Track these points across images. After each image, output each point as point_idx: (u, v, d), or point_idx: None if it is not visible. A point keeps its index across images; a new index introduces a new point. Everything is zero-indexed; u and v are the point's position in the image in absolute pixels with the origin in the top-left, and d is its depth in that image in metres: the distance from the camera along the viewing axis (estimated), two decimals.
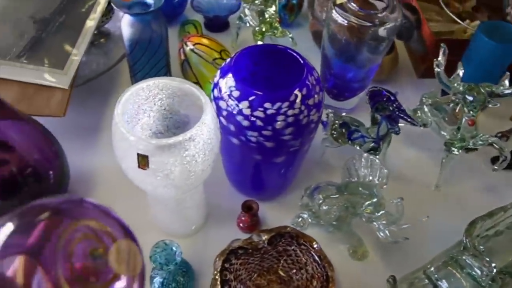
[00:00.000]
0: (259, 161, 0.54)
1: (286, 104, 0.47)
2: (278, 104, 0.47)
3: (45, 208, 0.27)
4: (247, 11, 0.77)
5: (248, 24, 0.78)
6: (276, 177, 0.58)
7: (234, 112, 0.49)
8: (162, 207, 0.55)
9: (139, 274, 0.26)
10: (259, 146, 0.50)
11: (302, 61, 0.51)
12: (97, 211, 0.28)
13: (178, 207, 0.54)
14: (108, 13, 0.80)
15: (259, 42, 0.76)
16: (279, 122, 0.48)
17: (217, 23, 0.89)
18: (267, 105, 0.47)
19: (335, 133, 0.62)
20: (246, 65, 0.55)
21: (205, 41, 0.74)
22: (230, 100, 0.49)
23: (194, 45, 0.73)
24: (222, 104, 0.50)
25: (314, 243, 0.53)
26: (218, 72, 0.53)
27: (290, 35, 0.74)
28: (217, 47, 0.73)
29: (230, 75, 0.50)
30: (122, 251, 0.26)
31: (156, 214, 0.58)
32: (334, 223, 0.55)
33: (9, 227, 0.26)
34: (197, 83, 0.72)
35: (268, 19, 0.73)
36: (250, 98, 0.48)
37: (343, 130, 0.61)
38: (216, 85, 0.52)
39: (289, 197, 0.63)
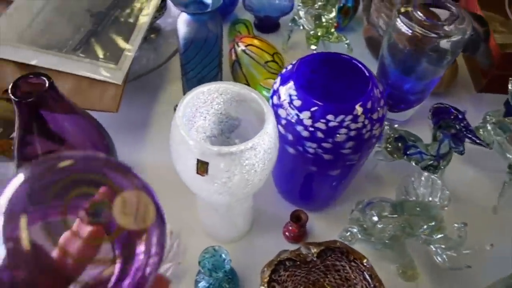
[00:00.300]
0: (313, 172, 0.52)
1: (350, 117, 0.46)
2: (341, 116, 0.46)
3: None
4: (301, 13, 0.75)
5: (302, 27, 0.76)
6: (327, 189, 0.57)
7: (293, 121, 0.48)
8: (212, 212, 0.54)
9: (153, 227, 0.23)
10: (316, 157, 0.49)
11: (367, 73, 0.49)
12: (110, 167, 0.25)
13: (227, 213, 0.53)
14: (161, 9, 0.80)
15: (313, 47, 0.74)
16: (340, 135, 0.46)
17: (267, 24, 0.87)
18: (329, 117, 0.46)
19: (389, 146, 0.60)
20: (303, 72, 0.54)
21: (257, 42, 0.73)
22: (290, 108, 0.48)
23: (246, 46, 0.72)
24: (282, 112, 0.49)
25: (365, 260, 0.52)
26: (278, 78, 0.51)
27: (347, 41, 0.71)
28: (269, 50, 0.72)
29: (291, 83, 0.48)
30: (128, 203, 0.24)
31: (204, 217, 0.57)
32: (386, 241, 0.53)
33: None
34: (247, 84, 0.71)
35: (324, 24, 0.71)
36: (312, 109, 0.46)
37: (399, 145, 0.59)
38: (275, 92, 0.51)
39: (337, 209, 0.62)
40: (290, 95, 0.48)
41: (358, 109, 0.46)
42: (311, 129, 0.47)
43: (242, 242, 0.58)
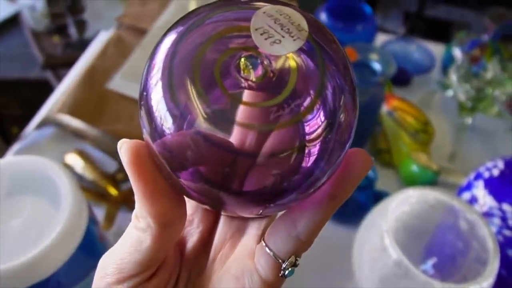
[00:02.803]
0: None
1: None
2: None
3: None
4: (454, 77, 0.68)
5: (451, 95, 0.69)
6: None
7: (501, 241, 0.41)
8: None
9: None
10: None
11: None
12: None
13: None
14: None
15: (467, 118, 0.67)
16: None
17: (398, 76, 0.80)
18: None
19: None
20: None
21: (406, 106, 0.66)
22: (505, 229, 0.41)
23: (392, 109, 0.65)
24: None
25: None
26: (481, 185, 0.44)
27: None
28: (421, 117, 0.65)
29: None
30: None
31: None
32: None
33: None
34: (386, 151, 0.64)
35: (487, 99, 0.63)
36: None
37: None
38: (467, 188, 0.43)
39: None
40: (502, 211, 0.41)
41: None
42: None
43: None
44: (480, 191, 0.44)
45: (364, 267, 0.41)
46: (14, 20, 1.60)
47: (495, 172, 0.44)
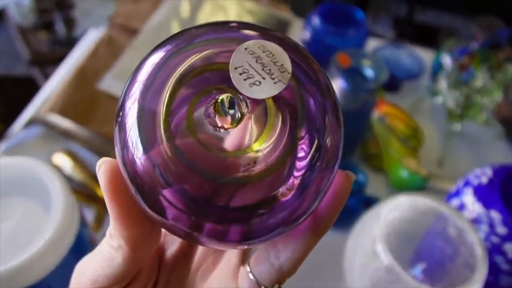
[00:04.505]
0: None
1: None
2: None
3: None
4: (443, 84, 0.69)
5: (440, 101, 0.70)
6: None
7: (489, 247, 0.41)
8: None
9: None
10: None
11: None
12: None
13: None
14: None
15: (456, 125, 0.68)
16: None
17: (389, 82, 0.81)
18: None
19: None
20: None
21: (396, 112, 0.67)
22: (492, 236, 0.41)
23: (383, 114, 0.66)
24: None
25: None
26: (470, 192, 0.45)
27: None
28: (411, 123, 0.65)
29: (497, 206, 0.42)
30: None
31: None
32: None
33: None
34: (376, 156, 0.65)
35: (476, 107, 0.64)
36: None
37: None
38: (456, 195, 0.44)
39: None
40: (489, 217, 0.42)
41: None
42: None
43: None
44: (469, 198, 0.45)
45: (355, 271, 0.41)
46: None
47: (484, 180, 0.45)
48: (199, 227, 0.16)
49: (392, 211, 0.41)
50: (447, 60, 0.70)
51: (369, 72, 0.56)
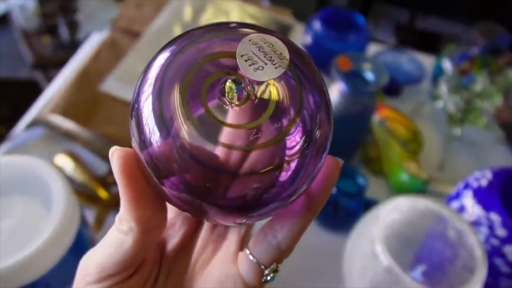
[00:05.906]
0: None
1: None
2: None
3: None
4: (444, 89, 0.69)
5: (441, 105, 0.70)
6: None
7: (489, 249, 0.41)
8: None
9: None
10: None
11: None
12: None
13: None
14: None
15: (456, 129, 0.68)
16: None
17: (390, 87, 0.81)
18: None
19: None
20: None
21: (396, 116, 0.67)
22: (492, 238, 0.41)
23: (383, 118, 0.66)
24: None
25: None
26: (470, 194, 0.45)
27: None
28: (411, 126, 0.66)
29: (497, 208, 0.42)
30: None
31: None
32: None
33: None
34: (376, 160, 0.65)
35: (476, 111, 0.65)
36: None
37: None
38: (456, 197, 0.44)
39: None
40: (487, 218, 0.42)
41: None
42: None
43: None
44: (468, 200, 0.45)
45: (354, 273, 0.41)
46: (3, 19, 1.59)
47: (484, 182, 0.45)
48: (205, 199, 0.18)
49: (391, 212, 0.41)
50: (447, 65, 0.71)
51: (369, 76, 0.56)
